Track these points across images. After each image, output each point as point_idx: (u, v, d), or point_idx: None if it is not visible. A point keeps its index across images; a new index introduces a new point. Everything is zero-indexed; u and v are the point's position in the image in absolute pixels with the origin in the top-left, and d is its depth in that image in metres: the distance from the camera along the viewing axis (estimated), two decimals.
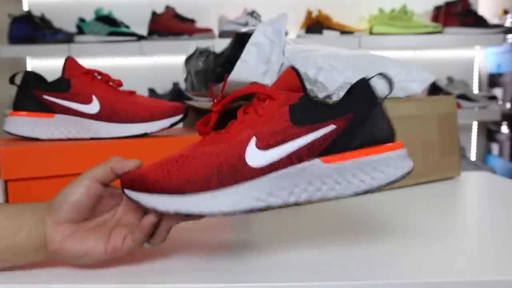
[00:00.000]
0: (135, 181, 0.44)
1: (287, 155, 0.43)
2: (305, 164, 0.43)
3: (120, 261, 0.48)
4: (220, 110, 0.47)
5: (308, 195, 0.43)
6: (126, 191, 0.45)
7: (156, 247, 0.49)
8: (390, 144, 0.44)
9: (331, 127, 0.43)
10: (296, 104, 0.44)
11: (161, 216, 0.45)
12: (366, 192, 0.44)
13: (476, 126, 2.31)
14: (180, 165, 0.43)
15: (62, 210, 0.44)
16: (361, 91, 0.44)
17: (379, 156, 0.43)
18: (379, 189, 0.44)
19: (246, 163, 0.42)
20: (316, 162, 0.43)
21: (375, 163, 0.43)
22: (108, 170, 0.46)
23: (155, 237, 0.47)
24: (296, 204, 0.44)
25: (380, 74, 0.45)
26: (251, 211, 0.43)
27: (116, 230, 0.46)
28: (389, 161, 0.44)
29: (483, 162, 2.29)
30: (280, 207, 0.44)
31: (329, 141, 0.43)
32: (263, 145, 0.43)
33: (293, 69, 0.46)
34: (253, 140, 0.43)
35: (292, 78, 0.46)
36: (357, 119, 0.43)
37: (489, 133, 2.30)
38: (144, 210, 0.47)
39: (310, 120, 0.43)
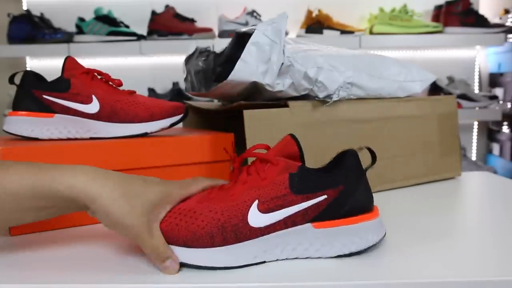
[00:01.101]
0: None
1: (283, 218, 0.47)
2: (298, 227, 0.48)
3: (120, 261, 0.48)
4: (239, 166, 0.50)
5: (297, 253, 0.48)
6: None
7: None
8: (369, 214, 0.50)
9: (324, 197, 0.48)
10: (295, 173, 0.48)
11: None
12: (347, 254, 0.49)
13: (477, 126, 2.31)
14: (189, 219, 0.47)
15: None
16: (351, 163, 0.49)
17: (361, 224, 0.49)
18: (358, 253, 0.49)
19: (248, 223, 0.46)
20: (308, 226, 0.48)
21: (356, 230, 0.49)
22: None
23: None
24: (286, 258, 0.49)
25: (366, 148, 0.51)
26: (247, 265, 0.47)
27: None
28: (368, 229, 0.49)
29: (483, 162, 2.29)
30: (271, 261, 0.48)
31: (320, 209, 0.48)
32: (264, 208, 0.47)
33: (293, 138, 0.50)
34: (256, 203, 0.47)
35: (291, 145, 0.50)
36: (347, 190, 0.48)
37: (489, 133, 2.29)
38: None
39: (306, 189, 0.48)
